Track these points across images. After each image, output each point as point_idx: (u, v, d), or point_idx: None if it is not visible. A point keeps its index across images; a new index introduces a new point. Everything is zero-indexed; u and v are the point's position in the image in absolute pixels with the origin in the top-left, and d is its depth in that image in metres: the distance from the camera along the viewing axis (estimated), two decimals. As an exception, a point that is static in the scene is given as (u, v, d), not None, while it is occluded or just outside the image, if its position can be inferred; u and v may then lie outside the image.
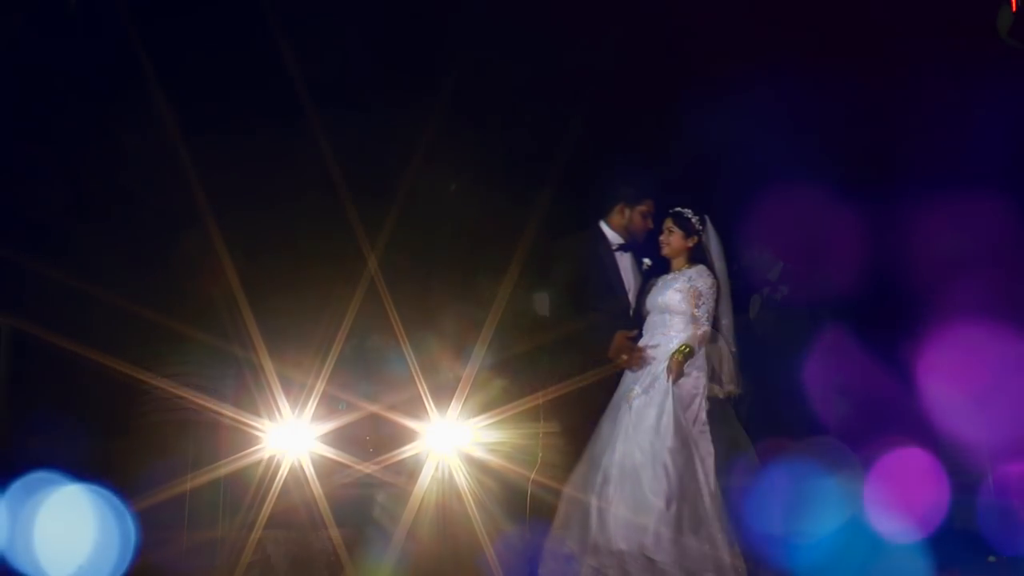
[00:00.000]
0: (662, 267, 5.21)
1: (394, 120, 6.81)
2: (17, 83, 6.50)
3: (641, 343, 5.08)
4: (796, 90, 6.31)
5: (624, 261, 5.24)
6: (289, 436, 6.19)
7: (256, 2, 6.53)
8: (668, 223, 5.10)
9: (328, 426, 6.32)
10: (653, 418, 4.84)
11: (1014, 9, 5.71)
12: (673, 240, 5.08)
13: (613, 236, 5.23)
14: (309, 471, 6.15)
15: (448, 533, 6.10)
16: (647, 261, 5.25)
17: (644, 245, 5.26)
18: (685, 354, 4.91)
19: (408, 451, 6.39)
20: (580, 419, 5.25)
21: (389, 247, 6.48)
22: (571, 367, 5.19)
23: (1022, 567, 5.86)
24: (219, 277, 6.34)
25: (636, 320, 5.19)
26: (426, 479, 6.23)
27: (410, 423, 6.38)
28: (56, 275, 6.20)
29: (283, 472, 6.10)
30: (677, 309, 5.03)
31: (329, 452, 6.30)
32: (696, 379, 4.98)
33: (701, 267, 5.03)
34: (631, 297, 5.22)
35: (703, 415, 4.95)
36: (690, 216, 5.08)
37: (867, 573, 5.49)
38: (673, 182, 6.69)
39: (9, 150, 6.46)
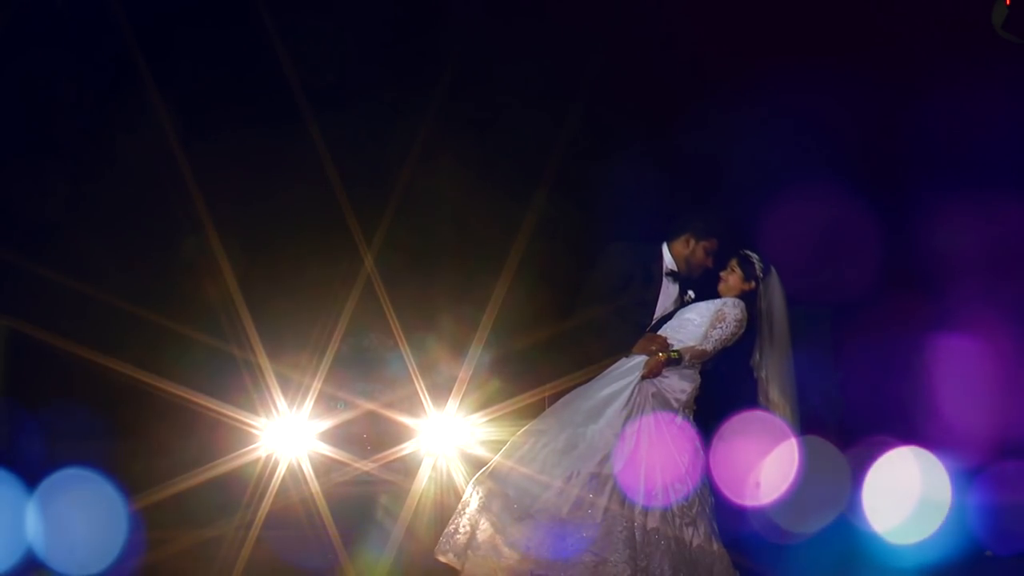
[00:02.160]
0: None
1: (391, 120, 6.84)
2: (17, 85, 6.53)
3: None
4: (799, 92, 6.32)
5: (669, 288, 5.30)
6: (287, 434, 6.21)
7: (253, 5, 6.54)
8: (733, 262, 5.20)
9: (326, 424, 6.34)
10: (604, 400, 4.90)
11: (1008, 3, 5.73)
12: (731, 279, 5.18)
13: (669, 261, 5.31)
14: (307, 469, 6.16)
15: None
16: (691, 294, 5.32)
17: (695, 280, 5.32)
18: (670, 357, 4.97)
19: (406, 449, 6.41)
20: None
21: (386, 246, 6.51)
22: (574, 363, 5.24)
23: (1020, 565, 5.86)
24: (217, 277, 6.36)
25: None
26: (424, 477, 6.24)
27: (408, 421, 6.40)
28: (55, 275, 6.22)
29: (281, 470, 6.12)
30: (695, 322, 5.09)
31: (327, 450, 6.31)
32: (680, 389, 5.03)
33: (739, 300, 5.11)
34: (655, 319, 5.28)
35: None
36: (755, 262, 5.16)
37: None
38: (679, 182, 6.74)
39: (9, 151, 6.49)
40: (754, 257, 5.17)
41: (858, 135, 6.78)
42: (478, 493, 4.86)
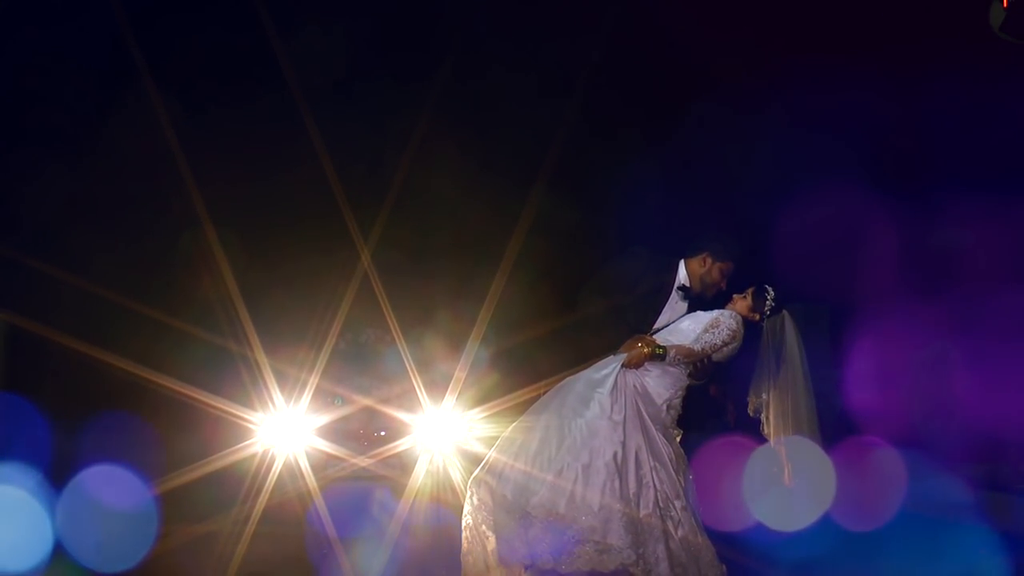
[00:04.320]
0: None
1: (389, 115, 6.85)
2: (16, 84, 6.55)
3: None
4: (798, 89, 6.32)
5: (676, 303, 5.32)
6: (284, 429, 6.23)
7: (252, 1, 6.56)
8: (750, 290, 5.22)
9: (322, 419, 6.37)
10: (590, 390, 4.93)
11: (1005, 5, 5.73)
12: (740, 304, 5.22)
13: (683, 277, 5.32)
14: (304, 464, 6.18)
15: (443, 527, 6.12)
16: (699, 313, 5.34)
17: (705, 300, 5.33)
18: (653, 351, 4.99)
19: (403, 444, 6.43)
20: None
21: (384, 241, 6.53)
22: (571, 359, 5.27)
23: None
24: (215, 273, 6.38)
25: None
26: (420, 472, 6.26)
27: (404, 416, 6.43)
28: (53, 271, 6.25)
29: (278, 466, 6.15)
30: (690, 327, 5.12)
31: (323, 445, 6.34)
32: (664, 385, 5.05)
33: (736, 313, 5.13)
34: (654, 328, 5.31)
35: (669, 423, 5.04)
36: (768, 299, 5.18)
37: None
38: (679, 180, 6.75)
39: (9, 150, 6.51)
40: (770, 295, 5.19)
41: (860, 134, 6.80)
42: (476, 499, 4.87)
